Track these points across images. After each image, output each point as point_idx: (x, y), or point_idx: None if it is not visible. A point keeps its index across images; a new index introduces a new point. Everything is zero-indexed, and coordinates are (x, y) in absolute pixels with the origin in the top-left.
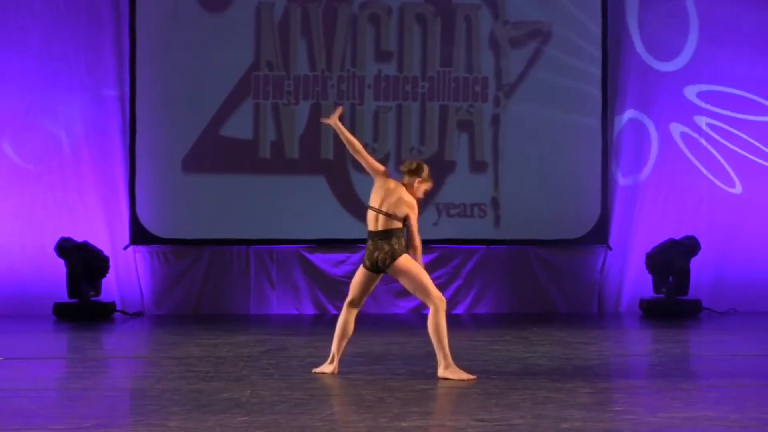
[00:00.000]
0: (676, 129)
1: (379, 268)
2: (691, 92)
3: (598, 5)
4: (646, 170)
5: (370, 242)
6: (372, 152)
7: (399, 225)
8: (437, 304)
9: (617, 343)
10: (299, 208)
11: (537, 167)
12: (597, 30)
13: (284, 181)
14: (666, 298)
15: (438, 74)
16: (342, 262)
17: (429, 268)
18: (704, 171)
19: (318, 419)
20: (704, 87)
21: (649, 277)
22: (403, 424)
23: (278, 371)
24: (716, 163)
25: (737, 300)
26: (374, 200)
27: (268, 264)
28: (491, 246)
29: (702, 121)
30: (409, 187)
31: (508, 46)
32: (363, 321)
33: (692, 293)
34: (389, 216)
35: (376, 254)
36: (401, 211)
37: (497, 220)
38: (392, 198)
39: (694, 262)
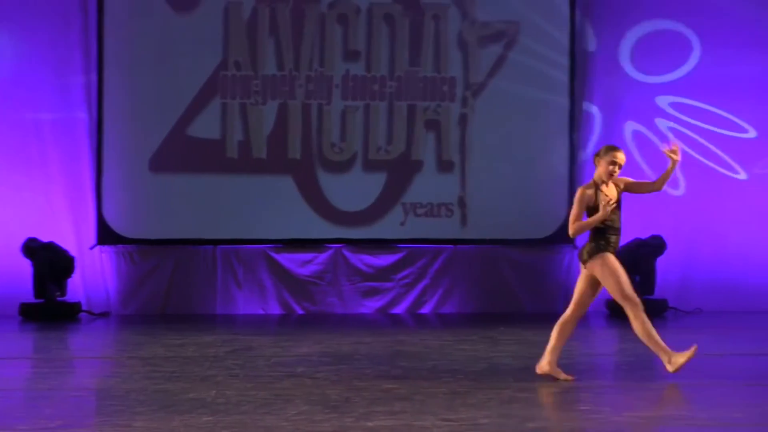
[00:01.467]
0: (641, 127)
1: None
2: (656, 92)
3: (566, 2)
4: None
5: None
6: (339, 152)
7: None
8: (632, 308)
9: (583, 342)
10: (266, 207)
11: (504, 167)
12: (565, 27)
13: (251, 180)
14: None
15: (406, 74)
16: (308, 262)
17: (396, 267)
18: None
19: (284, 419)
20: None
21: None
22: (369, 424)
23: (244, 371)
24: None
25: (703, 299)
26: None
27: (234, 264)
28: (458, 246)
29: (665, 119)
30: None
31: (476, 45)
32: (329, 321)
33: (658, 293)
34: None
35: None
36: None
37: (464, 220)
38: None
39: (660, 262)
